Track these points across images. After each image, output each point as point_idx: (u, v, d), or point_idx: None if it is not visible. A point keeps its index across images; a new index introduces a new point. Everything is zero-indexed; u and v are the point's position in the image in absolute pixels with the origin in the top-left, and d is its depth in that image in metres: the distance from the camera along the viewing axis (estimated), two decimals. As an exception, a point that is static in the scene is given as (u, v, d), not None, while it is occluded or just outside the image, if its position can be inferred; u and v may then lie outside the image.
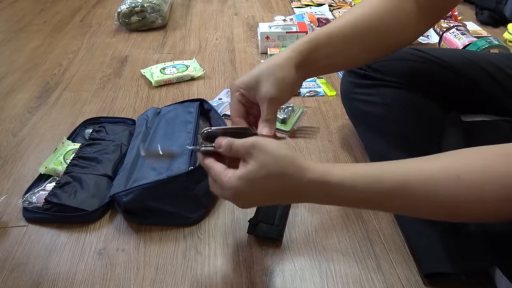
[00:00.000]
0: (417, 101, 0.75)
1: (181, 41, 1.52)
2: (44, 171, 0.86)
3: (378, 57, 0.68)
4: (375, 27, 0.61)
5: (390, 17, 0.61)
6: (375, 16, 0.61)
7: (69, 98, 1.18)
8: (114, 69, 1.33)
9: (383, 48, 0.65)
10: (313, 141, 0.98)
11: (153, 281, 0.67)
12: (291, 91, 0.59)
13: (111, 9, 1.85)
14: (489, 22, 1.57)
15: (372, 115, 0.79)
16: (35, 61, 1.41)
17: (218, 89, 1.20)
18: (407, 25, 0.63)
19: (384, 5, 0.61)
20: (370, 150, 0.85)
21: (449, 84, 0.76)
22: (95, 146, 0.90)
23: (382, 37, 0.63)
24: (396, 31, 0.63)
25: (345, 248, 0.72)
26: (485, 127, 0.70)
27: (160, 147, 0.63)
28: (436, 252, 0.65)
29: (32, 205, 0.80)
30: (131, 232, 0.76)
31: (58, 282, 0.67)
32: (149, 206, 0.75)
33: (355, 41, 0.61)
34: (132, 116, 1.06)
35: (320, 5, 1.77)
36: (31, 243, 0.74)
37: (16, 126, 1.07)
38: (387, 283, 0.65)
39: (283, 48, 1.36)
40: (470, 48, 1.17)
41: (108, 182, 0.83)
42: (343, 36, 0.60)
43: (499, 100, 0.74)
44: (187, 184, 0.74)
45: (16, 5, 1.95)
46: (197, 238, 0.74)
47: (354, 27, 0.61)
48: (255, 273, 0.68)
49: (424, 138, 0.72)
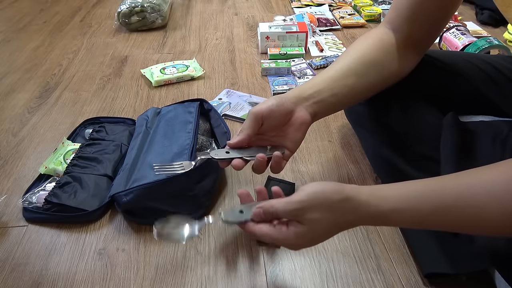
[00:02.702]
0: (416, 102, 0.75)
1: (181, 41, 1.52)
2: (44, 171, 0.86)
3: (376, 91, 0.72)
4: (368, 63, 0.67)
5: (379, 52, 0.68)
6: (366, 54, 0.68)
7: (69, 98, 1.18)
8: (114, 69, 1.33)
9: (382, 82, 0.70)
10: (313, 141, 0.98)
11: (153, 281, 0.67)
12: (281, 119, 0.62)
13: (111, 9, 1.85)
14: (489, 22, 1.57)
15: (370, 117, 0.79)
16: (35, 61, 1.41)
17: (218, 89, 1.20)
18: (395, 56, 0.69)
19: (372, 44, 0.69)
20: (369, 152, 0.86)
21: (447, 85, 0.76)
22: (95, 146, 0.90)
23: (375, 71, 0.68)
24: (387, 62, 0.69)
25: (345, 248, 0.72)
26: (484, 128, 0.70)
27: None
28: (436, 252, 0.65)
29: (32, 205, 0.80)
30: (131, 232, 0.76)
31: (58, 282, 0.67)
32: (149, 206, 0.75)
33: (354, 80, 0.66)
34: (132, 116, 1.06)
35: (320, 5, 1.77)
36: (31, 243, 0.74)
37: (16, 126, 1.07)
38: (387, 283, 0.65)
39: (283, 48, 1.36)
40: (470, 48, 1.17)
41: (108, 182, 0.83)
42: (342, 77, 0.66)
43: (497, 102, 0.74)
44: (187, 184, 0.74)
45: (16, 5, 1.95)
46: (197, 238, 0.74)
47: (352, 66, 0.67)
48: (255, 273, 0.68)
49: (423, 140, 0.72)
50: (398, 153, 0.74)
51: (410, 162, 0.72)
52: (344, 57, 0.69)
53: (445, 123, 0.70)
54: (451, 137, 0.67)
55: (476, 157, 0.65)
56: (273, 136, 0.64)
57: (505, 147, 0.64)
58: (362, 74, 0.67)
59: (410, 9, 0.67)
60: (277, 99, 0.62)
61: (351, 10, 1.70)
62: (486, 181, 0.46)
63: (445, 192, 0.48)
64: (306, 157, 0.93)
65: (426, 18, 0.67)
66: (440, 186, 0.49)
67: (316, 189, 0.51)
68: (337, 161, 0.92)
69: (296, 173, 0.88)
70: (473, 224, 0.48)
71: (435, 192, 0.48)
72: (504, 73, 0.74)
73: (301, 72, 1.25)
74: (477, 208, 0.46)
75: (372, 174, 0.87)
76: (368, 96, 0.73)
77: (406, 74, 0.72)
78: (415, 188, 0.50)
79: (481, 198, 0.45)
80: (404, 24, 0.68)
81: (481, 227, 0.48)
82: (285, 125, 0.63)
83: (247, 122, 0.61)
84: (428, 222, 0.49)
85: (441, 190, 0.48)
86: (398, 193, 0.50)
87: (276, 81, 1.20)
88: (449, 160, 0.64)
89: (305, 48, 1.39)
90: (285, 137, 0.64)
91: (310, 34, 1.50)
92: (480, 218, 0.46)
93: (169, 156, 0.78)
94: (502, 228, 0.46)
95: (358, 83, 0.67)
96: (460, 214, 0.47)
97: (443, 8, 0.67)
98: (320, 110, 0.65)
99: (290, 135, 0.64)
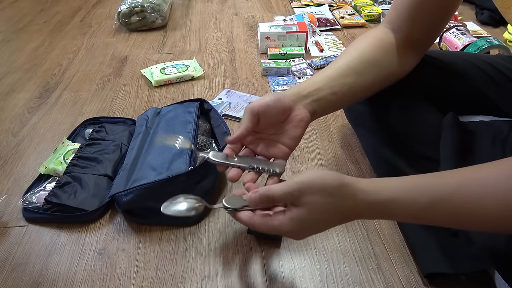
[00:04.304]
0: (416, 102, 0.75)
1: (181, 41, 1.52)
2: (44, 171, 0.86)
3: (376, 91, 0.72)
4: (368, 63, 0.67)
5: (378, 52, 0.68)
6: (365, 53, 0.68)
7: (69, 98, 1.18)
8: (114, 69, 1.33)
9: (381, 81, 0.70)
10: (313, 141, 0.98)
11: (153, 281, 0.67)
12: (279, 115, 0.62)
13: (111, 9, 1.85)
14: (489, 22, 1.57)
15: (371, 117, 0.79)
16: (35, 61, 1.41)
17: (218, 89, 1.20)
18: (394, 56, 0.69)
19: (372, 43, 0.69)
20: (369, 152, 0.86)
21: (448, 85, 0.76)
22: (95, 146, 0.90)
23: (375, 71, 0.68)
24: (386, 62, 0.69)
25: (345, 248, 0.72)
26: (484, 128, 0.70)
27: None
28: (436, 252, 0.65)
29: (32, 205, 0.80)
30: (131, 232, 0.76)
31: (58, 282, 0.67)
32: (149, 206, 0.75)
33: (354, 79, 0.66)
34: (132, 116, 1.06)
35: (320, 5, 1.77)
36: (31, 243, 0.74)
37: (16, 126, 1.07)
38: (387, 283, 0.65)
39: (283, 48, 1.36)
40: (470, 48, 1.17)
41: (108, 182, 0.83)
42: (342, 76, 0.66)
43: (497, 102, 0.74)
44: (187, 184, 0.74)
45: (16, 5, 1.95)
46: (197, 238, 0.74)
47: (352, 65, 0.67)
48: (255, 273, 0.68)
49: (423, 140, 0.72)
50: (398, 153, 0.74)
51: (410, 162, 0.72)
52: (344, 56, 0.69)
53: (445, 123, 0.70)
54: (451, 137, 0.67)
55: (476, 157, 0.65)
56: (271, 134, 0.64)
57: (505, 147, 0.64)
58: (361, 73, 0.67)
59: (410, 9, 0.67)
60: (275, 95, 0.62)
61: (351, 10, 1.70)
62: (486, 177, 0.46)
63: (444, 184, 0.48)
64: (306, 157, 0.93)
65: (426, 18, 0.67)
66: (439, 179, 0.49)
67: (314, 173, 0.51)
68: (337, 161, 0.92)
69: (296, 173, 0.88)
70: (471, 219, 0.48)
71: (434, 185, 0.49)
72: (504, 73, 0.74)
73: (301, 72, 1.25)
74: (476, 204, 0.46)
75: (372, 174, 0.87)
76: (368, 95, 0.73)
77: (405, 74, 0.72)
78: (413, 180, 0.51)
79: (480, 193, 0.46)
80: (404, 24, 0.69)
81: (479, 222, 0.48)
82: (283, 122, 0.63)
83: (244, 117, 0.61)
84: (426, 215, 0.49)
85: (440, 182, 0.49)
86: (396, 184, 0.50)
87: (276, 81, 1.20)
88: (449, 160, 0.64)
89: (305, 48, 1.39)
90: (283, 134, 0.63)
91: (310, 34, 1.50)
92: (479, 213, 0.46)
93: (169, 156, 0.79)
94: (498, 224, 0.47)
95: (358, 81, 0.67)
96: (459, 207, 0.47)
97: (443, 8, 0.67)
98: (319, 108, 0.65)
99: (288, 132, 0.63)
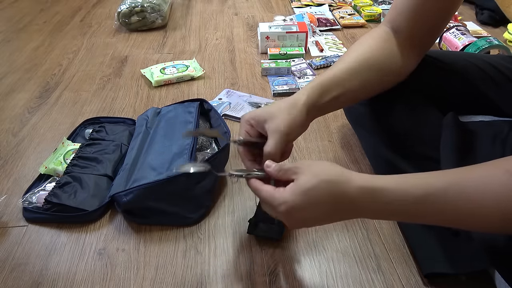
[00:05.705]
0: (416, 102, 0.75)
1: (181, 41, 1.52)
2: (44, 171, 0.86)
3: (378, 91, 0.72)
4: (371, 64, 0.68)
5: (380, 52, 0.68)
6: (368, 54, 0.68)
7: (69, 98, 1.18)
8: (114, 69, 1.33)
9: (382, 83, 0.71)
10: (313, 141, 0.98)
11: (153, 281, 0.67)
12: (299, 132, 0.63)
13: (111, 9, 1.85)
14: (489, 22, 1.57)
15: (371, 117, 0.79)
16: (35, 61, 1.41)
17: (218, 89, 1.20)
18: (396, 56, 0.69)
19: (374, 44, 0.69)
20: (369, 152, 0.85)
21: (448, 85, 0.76)
22: (95, 146, 0.90)
23: (377, 72, 0.68)
24: (388, 63, 0.69)
25: (345, 248, 0.72)
26: (484, 128, 0.70)
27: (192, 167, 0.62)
28: (436, 252, 0.65)
29: (32, 205, 0.80)
30: (131, 232, 0.76)
31: (58, 282, 0.67)
32: (149, 206, 0.75)
33: (357, 80, 0.67)
34: (132, 116, 1.06)
35: (320, 5, 1.77)
36: (31, 243, 0.74)
37: (16, 126, 1.07)
38: (387, 283, 0.65)
39: (283, 48, 1.36)
40: (470, 48, 1.17)
41: (108, 182, 0.83)
42: (345, 78, 0.66)
43: (497, 102, 0.74)
44: (187, 184, 0.74)
45: (16, 5, 1.95)
46: (197, 238, 0.74)
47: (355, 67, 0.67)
48: (255, 273, 0.68)
49: (424, 140, 0.72)
50: (399, 153, 0.74)
51: (410, 162, 0.72)
52: (345, 58, 0.69)
53: (445, 123, 0.70)
54: (451, 137, 0.67)
55: (476, 157, 0.65)
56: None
57: (505, 147, 0.64)
58: (363, 74, 0.67)
59: (410, 9, 0.67)
60: (301, 116, 0.61)
61: (351, 10, 1.70)
62: (481, 176, 0.47)
63: (439, 180, 0.48)
64: (306, 157, 0.93)
65: (426, 19, 0.67)
66: (435, 175, 0.50)
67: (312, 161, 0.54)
68: (337, 161, 0.91)
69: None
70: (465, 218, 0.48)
71: (428, 180, 0.49)
72: (504, 73, 0.74)
73: (301, 72, 1.25)
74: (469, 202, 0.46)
75: (372, 174, 0.86)
76: (369, 96, 0.73)
77: (407, 75, 0.72)
78: (409, 175, 0.51)
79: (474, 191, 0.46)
80: (404, 24, 0.69)
81: (472, 221, 0.48)
82: None
83: (279, 143, 0.60)
84: (418, 210, 0.49)
85: (435, 178, 0.49)
86: (390, 176, 0.51)
87: (276, 81, 1.20)
88: (449, 160, 0.64)
89: (305, 48, 1.39)
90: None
91: (310, 34, 1.50)
92: (473, 212, 0.46)
93: (169, 156, 0.79)
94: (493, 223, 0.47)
95: (359, 84, 0.67)
96: (452, 204, 0.47)
97: (443, 9, 0.67)
98: (321, 113, 0.67)
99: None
